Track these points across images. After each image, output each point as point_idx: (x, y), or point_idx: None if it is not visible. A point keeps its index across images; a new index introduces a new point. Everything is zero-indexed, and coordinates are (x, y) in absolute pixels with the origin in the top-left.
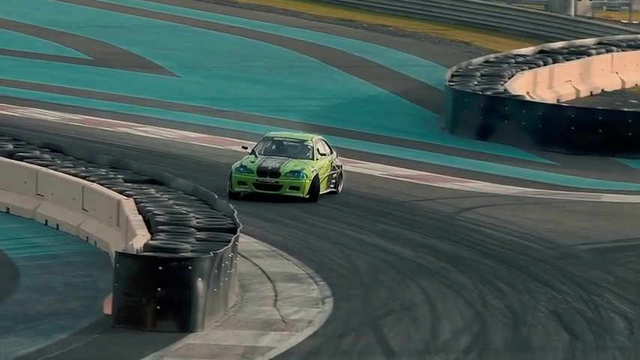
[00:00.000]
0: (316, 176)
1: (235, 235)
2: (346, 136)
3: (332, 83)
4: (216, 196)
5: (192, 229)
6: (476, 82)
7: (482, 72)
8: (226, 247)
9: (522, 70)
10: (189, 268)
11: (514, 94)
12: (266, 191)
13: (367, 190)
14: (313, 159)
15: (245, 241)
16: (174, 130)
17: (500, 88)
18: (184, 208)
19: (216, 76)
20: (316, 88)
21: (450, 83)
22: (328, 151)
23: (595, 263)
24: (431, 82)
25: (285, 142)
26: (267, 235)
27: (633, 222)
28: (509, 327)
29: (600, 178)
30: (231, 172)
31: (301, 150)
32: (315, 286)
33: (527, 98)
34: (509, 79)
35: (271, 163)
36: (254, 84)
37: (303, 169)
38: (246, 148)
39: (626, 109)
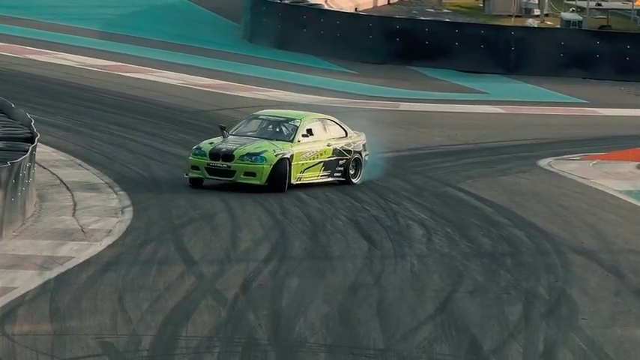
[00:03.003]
0: (282, 161)
1: (33, 145)
2: (144, 45)
3: None
4: (13, 105)
5: None
6: None
7: None
8: (24, 157)
9: None
10: None
11: (312, 2)
12: (218, 177)
13: (166, 100)
14: (292, 141)
15: (43, 151)
16: None
17: None
18: None
19: None
20: None
21: None
22: (334, 134)
23: (393, 172)
24: None
25: (266, 122)
26: (66, 145)
27: (430, 130)
28: (309, 235)
29: (398, 86)
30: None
31: (282, 130)
32: (115, 196)
33: (326, 7)
34: None
35: (229, 144)
36: None
37: (264, 151)
38: (224, 127)
39: (422, 18)
